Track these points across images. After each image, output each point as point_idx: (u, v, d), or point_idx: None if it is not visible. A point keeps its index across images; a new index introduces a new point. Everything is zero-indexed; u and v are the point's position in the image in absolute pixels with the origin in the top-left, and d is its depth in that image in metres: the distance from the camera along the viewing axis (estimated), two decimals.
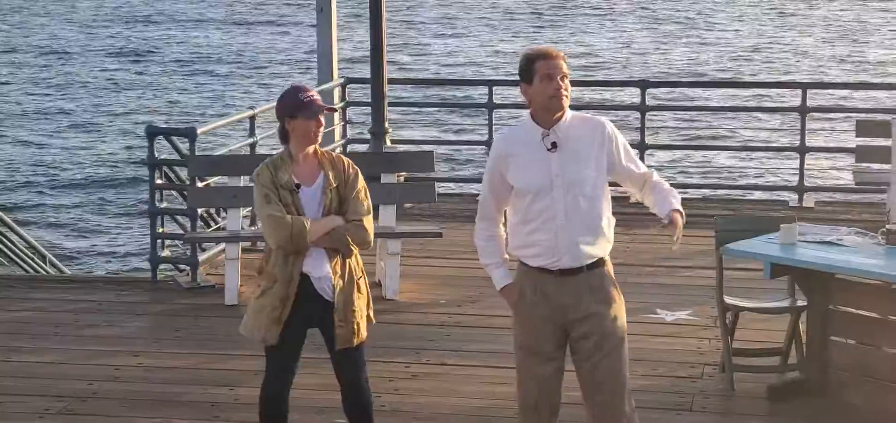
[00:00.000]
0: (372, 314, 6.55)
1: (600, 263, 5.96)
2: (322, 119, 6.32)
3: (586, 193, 5.84)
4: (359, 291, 6.41)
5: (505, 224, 6.12)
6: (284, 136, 6.34)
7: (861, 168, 12.44)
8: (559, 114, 5.85)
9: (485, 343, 9.27)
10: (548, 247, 5.85)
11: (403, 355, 8.91)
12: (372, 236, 6.45)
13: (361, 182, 6.42)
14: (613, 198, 6.04)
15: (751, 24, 47.88)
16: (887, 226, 7.62)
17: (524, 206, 5.89)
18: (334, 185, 6.32)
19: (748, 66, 37.05)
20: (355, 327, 6.37)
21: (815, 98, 16.12)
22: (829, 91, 21.30)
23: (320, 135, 6.34)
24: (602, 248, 5.94)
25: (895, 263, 7.20)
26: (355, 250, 6.37)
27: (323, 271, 6.29)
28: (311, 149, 6.33)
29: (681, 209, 5.96)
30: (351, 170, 6.40)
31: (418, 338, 9.37)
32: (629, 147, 6.03)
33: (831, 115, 21.76)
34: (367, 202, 6.42)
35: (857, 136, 12.54)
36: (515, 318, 6.11)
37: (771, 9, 52.41)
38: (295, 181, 6.28)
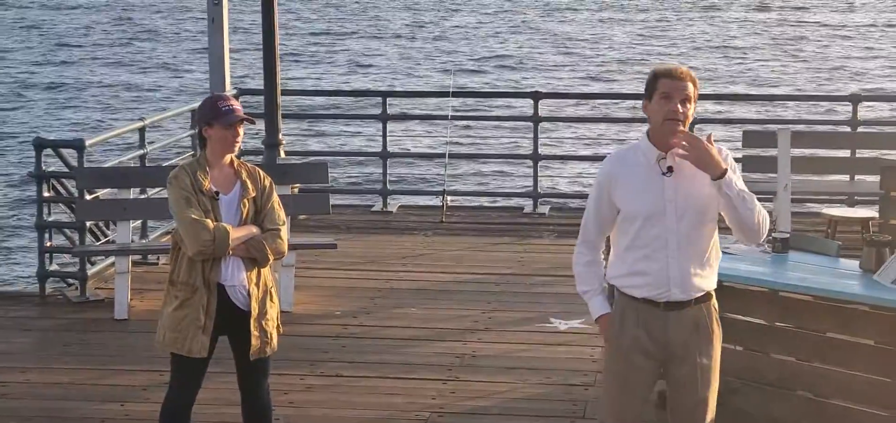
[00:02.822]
0: (280, 324, 6.53)
1: (708, 296, 5.62)
2: (241, 130, 6.27)
3: (702, 222, 5.50)
4: (271, 300, 6.40)
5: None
6: (202, 142, 6.30)
7: (747, 178, 12.63)
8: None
9: (380, 354, 9.27)
10: (657, 277, 5.50)
11: (298, 367, 8.87)
12: (286, 246, 6.46)
13: (276, 194, 6.42)
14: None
15: (638, 34, 48.44)
16: (774, 234, 7.74)
17: (633, 231, 5.51)
18: (252, 194, 6.30)
19: (623, 78, 37.50)
20: (269, 336, 6.36)
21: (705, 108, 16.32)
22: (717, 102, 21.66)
23: (238, 145, 6.30)
24: (711, 281, 5.63)
25: (782, 270, 7.34)
26: (266, 269, 6.37)
27: (237, 279, 6.25)
28: (227, 158, 6.29)
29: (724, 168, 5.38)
30: (266, 181, 6.39)
31: (313, 350, 9.34)
32: (738, 172, 5.60)
33: (719, 125, 22.03)
34: (282, 213, 6.43)
35: (743, 146, 12.75)
36: (610, 351, 5.73)
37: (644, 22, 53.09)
38: (214, 188, 6.23)
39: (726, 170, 5.41)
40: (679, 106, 5.43)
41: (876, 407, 6.93)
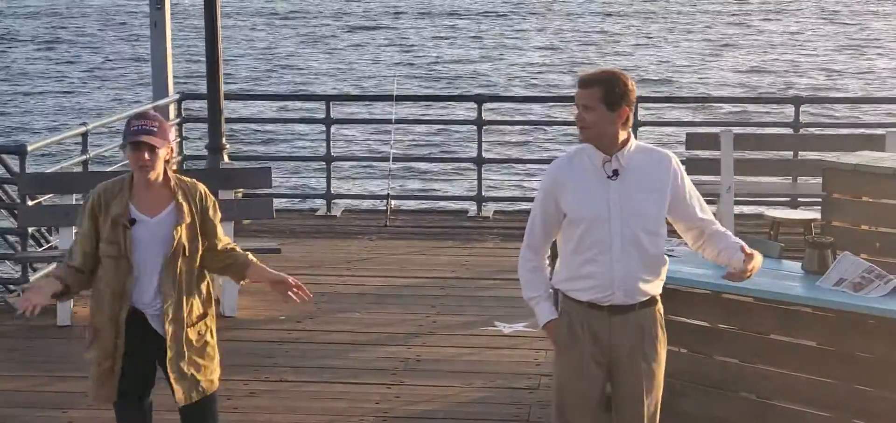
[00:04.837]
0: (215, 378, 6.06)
1: (653, 301, 5.67)
2: (155, 152, 5.76)
3: (647, 228, 5.53)
4: (195, 340, 5.94)
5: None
6: None
7: (691, 180, 12.68)
8: (624, 141, 5.51)
9: (323, 359, 9.25)
10: (601, 280, 5.51)
11: (241, 372, 8.82)
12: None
13: (218, 212, 6.07)
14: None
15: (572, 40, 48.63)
16: None
17: (577, 235, 5.52)
18: (187, 220, 5.85)
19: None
20: (198, 379, 5.93)
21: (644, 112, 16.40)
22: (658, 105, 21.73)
23: (154, 167, 5.78)
24: (656, 286, 5.67)
25: (724, 272, 7.37)
26: (198, 298, 5.98)
27: (156, 307, 5.86)
28: (154, 177, 5.81)
29: (756, 253, 5.66)
30: (209, 201, 5.99)
31: (257, 355, 9.30)
32: (694, 187, 5.72)
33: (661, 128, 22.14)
34: (221, 232, 6.07)
35: (687, 148, 12.82)
36: (559, 357, 5.74)
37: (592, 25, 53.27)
38: (130, 215, 5.80)
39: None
40: (579, 112, 5.53)
41: (818, 408, 6.99)
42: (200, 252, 5.96)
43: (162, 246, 5.82)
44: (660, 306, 5.73)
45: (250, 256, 6.10)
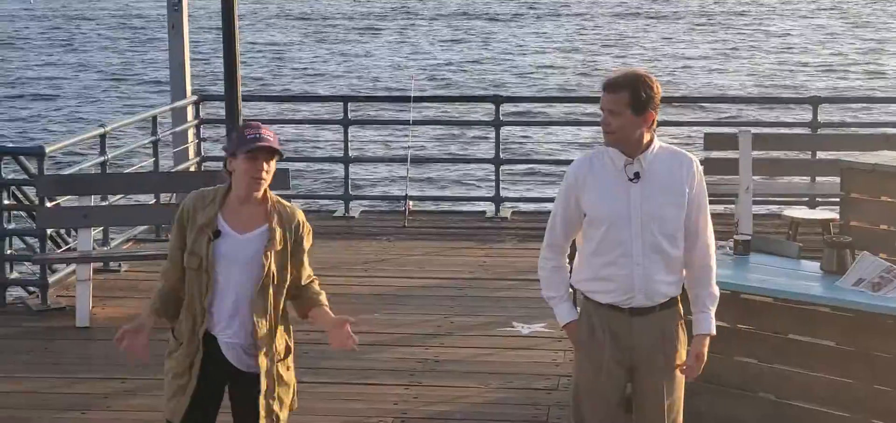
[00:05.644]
0: (294, 400, 5.86)
1: (673, 302, 5.63)
2: (267, 164, 5.45)
3: (666, 230, 5.48)
4: (284, 375, 5.74)
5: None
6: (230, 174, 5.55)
7: (709, 181, 12.66)
8: (647, 143, 5.47)
9: (341, 360, 9.22)
10: (622, 284, 5.49)
11: None
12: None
13: (309, 242, 5.71)
14: None
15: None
16: (736, 236, 7.77)
17: (597, 236, 5.49)
18: (279, 247, 5.52)
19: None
20: (275, 418, 5.67)
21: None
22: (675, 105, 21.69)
23: (264, 181, 5.47)
24: (677, 287, 5.62)
25: (743, 272, 7.36)
26: (283, 331, 5.72)
27: (237, 337, 5.54)
28: (257, 194, 5.50)
29: (712, 333, 5.68)
30: (304, 229, 5.64)
31: None
32: (707, 204, 5.62)
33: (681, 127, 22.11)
34: (310, 269, 5.75)
35: (705, 148, 12.79)
36: (578, 358, 5.74)
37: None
38: (217, 227, 5.47)
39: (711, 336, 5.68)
40: (605, 116, 5.47)
41: (837, 408, 6.97)
42: (288, 283, 5.64)
43: (245, 268, 5.49)
44: (680, 307, 5.70)
45: (323, 297, 5.78)
